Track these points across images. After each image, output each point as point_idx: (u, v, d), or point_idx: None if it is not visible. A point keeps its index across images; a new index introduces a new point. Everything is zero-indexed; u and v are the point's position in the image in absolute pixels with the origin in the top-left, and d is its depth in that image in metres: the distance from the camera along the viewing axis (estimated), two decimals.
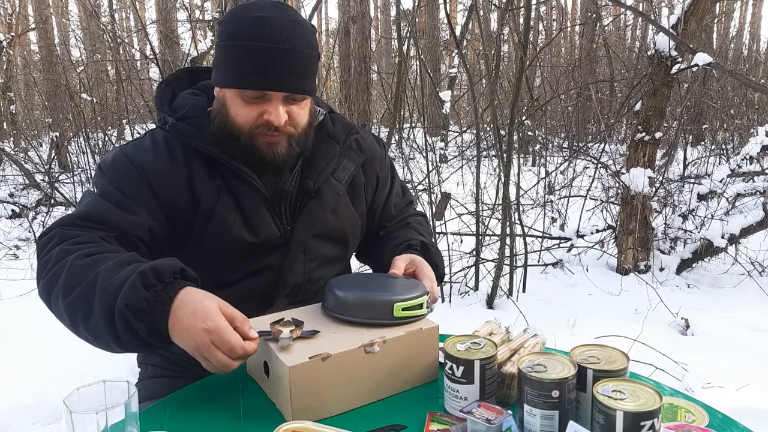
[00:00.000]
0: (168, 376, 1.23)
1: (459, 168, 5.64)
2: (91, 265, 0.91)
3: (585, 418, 0.80)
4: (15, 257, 4.68)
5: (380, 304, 0.98)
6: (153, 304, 0.86)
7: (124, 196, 1.05)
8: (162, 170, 1.07)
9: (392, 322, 0.97)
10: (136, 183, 1.06)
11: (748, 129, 8.02)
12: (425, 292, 1.02)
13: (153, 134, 1.14)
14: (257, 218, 1.11)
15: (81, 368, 2.62)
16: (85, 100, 7.05)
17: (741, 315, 3.35)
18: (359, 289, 1.02)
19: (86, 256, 0.93)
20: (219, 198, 1.09)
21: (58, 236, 0.99)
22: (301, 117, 1.10)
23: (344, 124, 1.25)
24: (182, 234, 1.10)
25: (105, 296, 0.87)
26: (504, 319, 1.22)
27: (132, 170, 1.07)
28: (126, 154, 1.09)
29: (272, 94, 1.04)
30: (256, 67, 1.02)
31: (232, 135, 1.07)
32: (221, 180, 1.10)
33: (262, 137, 1.07)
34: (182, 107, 1.15)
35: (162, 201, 1.07)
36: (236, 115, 1.06)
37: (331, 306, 1.02)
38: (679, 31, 3.75)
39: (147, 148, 1.10)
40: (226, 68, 1.05)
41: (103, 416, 0.73)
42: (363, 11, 7.92)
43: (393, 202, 1.35)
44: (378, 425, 0.88)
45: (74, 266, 0.92)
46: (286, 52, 1.02)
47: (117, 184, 1.06)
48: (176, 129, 1.11)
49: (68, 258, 0.93)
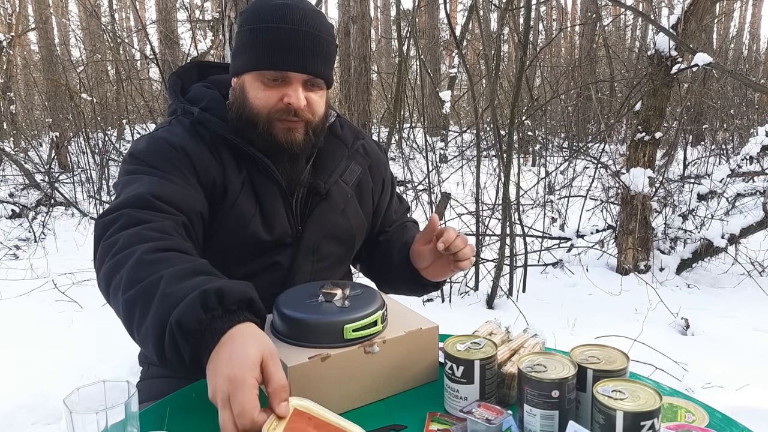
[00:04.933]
0: (169, 376, 1.23)
1: (459, 168, 5.65)
2: (159, 263, 0.83)
3: (585, 418, 0.80)
4: (15, 257, 4.68)
5: (328, 326, 0.90)
6: (205, 329, 0.75)
7: (175, 177, 1.00)
8: (201, 153, 1.06)
9: (344, 344, 0.90)
10: (181, 164, 1.03)
11: (748, 129, 8.02)
12: (378, 308, 0.94)
13: (180, 120, 1.11)
14: (274, 214, 1.11)
15: (81, 368, 2.62)
16: (85, 100, 7.05)
17: (741, 315, 3.34)
18: (306, 310, 0.93)
19: (157, 251, 0.85)
20: (242, 190, 1.09)
21: (125, 218, 0.91)
22: (319, 106, 1.10)
23: (352, 129, 1.26)
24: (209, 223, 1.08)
25: (162, 306, 0.77)
26: (504, 319, 1.22)
27: (174, 152, 1.04)
28: (163, 138, 1.06)
29: (292, 77, 1.04)
30: (278, 47, 1.02)
31: (249, 121, 1.06)
32: (246, 173, 1.10)
33: (281, 123, 1.06)
34: (200, 99, 1.13)
35: (204, 183, 1.05)
36: (255, 99, 1.05)
37: (279, 328, 0.94)
38: (679, 31, 3.75)
39: (180, 132, 1.08)
40: (247, 52, 1.05)
41: (103, 416, 0.73)
42: (363, 11, 7.91)
43: (393, 207, 1.36)
44: (378, 425, 0.88)
45: (142, 260, 0.83)
46: (308, 35, 1.03)
47: (162, 166, 1.02)
48: (204, 117, 1.10)
49: (137, 248, 0.85)
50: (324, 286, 1.00)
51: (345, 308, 0.94)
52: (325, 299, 0.96)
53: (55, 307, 3.37)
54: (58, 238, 5.07)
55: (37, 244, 4.98)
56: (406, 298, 1.42)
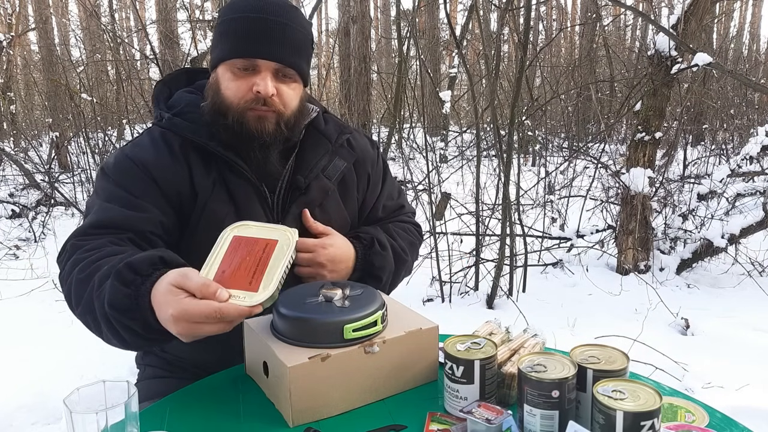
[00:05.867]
0: (166, 376, 1.24)
1: (459, 168, 5.65)
2: (91, 275, 0.92)
3: (585, 418, 0.80)
4: (15, 257, 4.68)
5: (328, 326, 0.90)
6: (135, 300, 0.85)
7: (131, 196, 1.06)
8: (163, 165, 1.09)
9: (344, 344, 0.91)
10: (141, 180, 1.08)
11: (748, 129, 8.02)
12: (378, 308, 0.95)
13: (150, 132, 1.16)
14: (249, 211, 1.12)
15: (81, 368, 2.62)
16: (85, 100, 7.05)
17: (741, 315, 3.34)
18: (306, 310, 0.93)
19: (89, 266, 0.94)
20: (213, 191, 1.11)
21: (70, 248, 1.01)
22: (291, 98, 1.11)
23: (337, 124, 1.25)
24: (186, 227, 1.12)
25: (98, 303, 0.88)
26: (504, 319, 1.22)
27: (135, 169, 1.08)
28: (127, 154, 1.11)
29: (262, 65, 1.06)
30: (248, 35, 1.05)
31: (221, 111, 1.08)
32: (216, 174, 1.11)
33: (252, 111, 1.07)
34: (178, 104, 1.17)
35: (167, 195, 1.09)
36: (227, 89, 1.08)
37: (279, 328, 0.95)
38: (679, 31, 3.75)
39: (146, 146, 1.12)
40: (220, 43, 1.08)
41: (103, 416, 0.73)
42: (363, 11, 7.92)
43: (382, 204, 1.33)
44: (378, 425, 0.88)
45: (78, 280, 0.94)
46: (278, 24, 1.05)
47: (122, 184, 1.07)
48: (172, 123, 1.13)
49: (74, 271, 0.95)
50: (324, 286, 1.00)
51: (345, 308, 0.93)
52: (325, 299, 0.96)
53: (55, 307, 3.37)
54: (58, 238, 5.07)
55: (37, 244, 4.98)
56: (406, 299, 1.41)
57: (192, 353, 1.21)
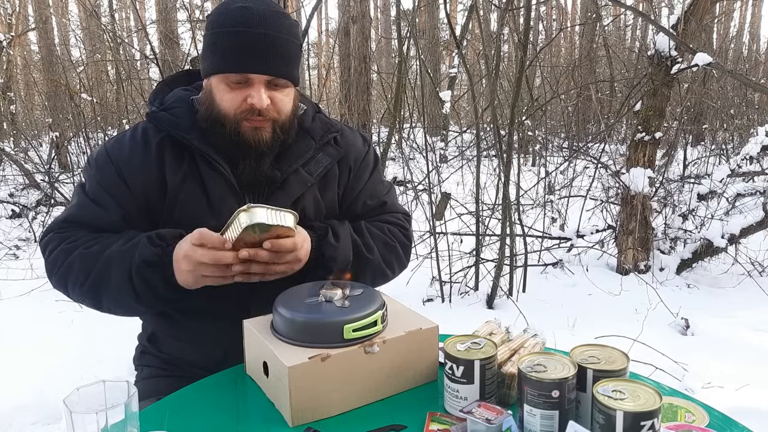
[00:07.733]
0: (164, 375, 1.24)
1: (459, 168, 5.64)
2: (100, 250, 1.06)
3: (585, 418, 0.80)
4: (15, 257, 4.68)
5: (328, 326, 0.91)
6: (162, 257, 1.02)
7: (104, 192, 1.13)
8: (133, 162, 1.13)
9: (344, 344, 0.91)
10: (111, 177, 1.13)
11: (748, 129, 8.02)
12: (378, 308, 0.95)
13: (135, 127, 1.19)
14: (222, 204, 1.12)
15: (81, 368, 2.62)
16: (85, 100, 7.05)
17: (741, 315, 3.34)
18: (306, 310, 0.94)
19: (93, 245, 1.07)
20: (185, 184, 1.12)
21: (56, 239, 1.12)
22: (285, 104, 1.12)
23: (324, 123, 1.24)
24: (158, 222, 1.14)
25: (121, 260, 1.03)
26: (504, 319, 1.22)
27: (109, 165, 1.14)
28: (106, 149, 1.16)
29: (255, 78, 1.07)
30: (238, 51, 1.06)
31: (218, 121, 1.10)
32: (188, 167, 1.13)
33: (248, 122, 1.09)
34: (169, 101, 1.19)
35: (135, 193, 1.13)
36: (222, 101, 1.09)
37: (279, 328, 0.95)
38: (679, 31, 3.75)
39: (125, 141, 1.16)
40: (211, 55, 1.10)
41: (103, 416, 0.73)
42: (363, 11, 7.91)
43: (362, 200, 1.28)
44: (378, 425, 0.88)
45: (84, 254, 1.06)
46: (267, 37, 1.06)
47: (98, 179, 1.15)
48: (155, 118, 1.15)
49: (75, 252, 1.07)
50: (324, 286, 1.00)
51: (345, 308, 0.94)
52: (325, 299, 0.96)
53: (55, 307, 3.36)
54: None
55: (37, 244, 4.97)
56: (406, 299, 1.40)
57: (189, 353, 1.21)
